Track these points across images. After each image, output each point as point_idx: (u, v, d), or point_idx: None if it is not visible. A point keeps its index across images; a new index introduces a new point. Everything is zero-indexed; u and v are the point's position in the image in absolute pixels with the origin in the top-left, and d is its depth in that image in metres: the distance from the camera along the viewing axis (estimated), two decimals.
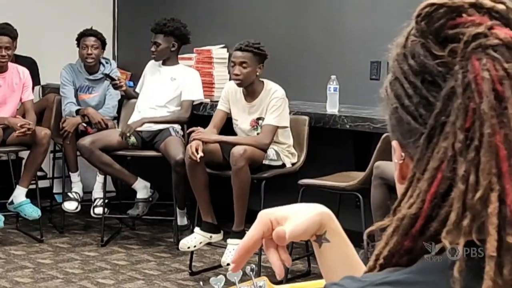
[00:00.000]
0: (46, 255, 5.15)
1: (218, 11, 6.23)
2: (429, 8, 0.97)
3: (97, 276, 4.73)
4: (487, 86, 0.92)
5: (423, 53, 0.97)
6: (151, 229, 5.85)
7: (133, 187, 5.41)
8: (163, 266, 4.96)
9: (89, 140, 5.25)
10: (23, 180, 5.44)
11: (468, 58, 0.93)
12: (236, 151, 4.46)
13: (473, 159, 0.91)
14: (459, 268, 0.89)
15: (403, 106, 0.99)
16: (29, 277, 4.68)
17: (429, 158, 0.95)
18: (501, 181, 0.91)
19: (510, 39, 0.94)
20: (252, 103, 4.74)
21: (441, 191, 0.94)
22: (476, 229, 0.90)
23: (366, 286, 0.93)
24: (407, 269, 0.95)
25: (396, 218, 0.98)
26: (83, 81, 5.80)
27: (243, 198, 4.53)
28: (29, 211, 5.40)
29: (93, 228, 5.78)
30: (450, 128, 0.93)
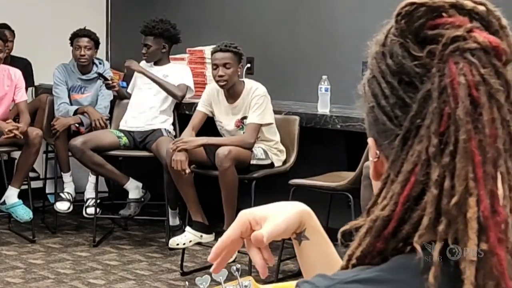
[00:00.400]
0: (38, 255, 5.15)
1: (210, 11, 6.24)
2: (409, 7, 0.96)
3: (89, 276, 4.72)
4: (463, 92, 0.91)
5: (402, 53, 0.96)
6: (143, 229, 5.85)
7: (125, 187, 5.41)
8: (155, 266, 4.96)
9: (80, 141, 5.25)
10: (15, 181, 5.44)
11: (446, 61, 0.93)
12: (221, 152, 4.46)
13: (448, 164, 0.91)
14: (435, 273, 0.89)
15: (380, 106, 0.99)
16: (20, 277, 4.67)
17: (403, 160, 0.95)
18: (476, 186, 0.90)
19: (488, 43, 0.93)
20: (234, 104, 4.74)
21: (414, 195, 0.93)
22: (452, 234, 0.90)
23: (336, 284, 0.93)
24: (378, 267, 0.95)
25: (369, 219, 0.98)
26: (75, 81, 5.80)
27: (231, 199, 4.54)
28: (21, 213, 5.39)
29: (86, 228, 5.78)
30: (424, 132, 0.93)
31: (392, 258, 0.95)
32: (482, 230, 0.89)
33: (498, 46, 0.94)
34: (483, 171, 0.90)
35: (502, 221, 0.91)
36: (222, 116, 4.80)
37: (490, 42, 0.93)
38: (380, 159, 1.02)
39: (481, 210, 0.89)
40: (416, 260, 0.91)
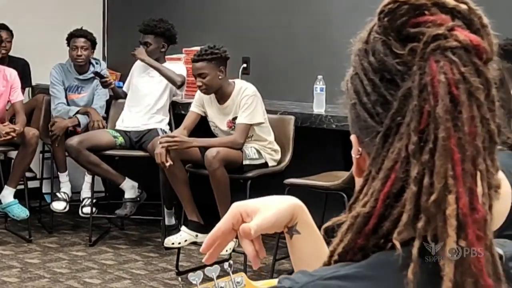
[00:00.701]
0: (34, 255, 5.16)
1: (207, 11, 6.25)
2: (392, 5, 0.96)
3: (84, 276, 4.74)
4: (443, 90, 0.91)
5: (384, 50, 0.97)
6: (139, 229, 5.86)
7: (121, 187, 5.42)
8: (151, 265, 4.97)
9: (77, 140, 5.26)
10: (11, 181, 5.45)
11: (427, 59, 0.93)
12: (209, 154, 4.49)
13: (427, 161, 0.91)
14: (413, 270, 0.89)
15: (361, 103, 0.99)
16: (16, 277, 4.69)
17: (384, 157, 0.95)
18: (455, 184, 0.91)
19: (469, 42, 0.93)
20: (224, 105, 4.77)
21: (394, 191, 0.94)
22: (431, 231, 0.91)
23: (315, 280, 0.94)
24: (358, 263, 0.95)
25: (351, 215, 0.99)
26: (72, 80, 5.81)
27: (224, 199, 4.55)
28: (17, 212, 5.40)
29: (82, 228, 5.79)
30: (404, 129, 0.93)
31: (372, 255, 0.96)
32: (461, 227, 0.90)
33: (479, 45, 0.94)
34: (462, 168, 0.91)
35: (480, 218, 0.91)
36: (214, 117, 4.82)
37: (471, 41, 0.93)
38: (363, 155, 1.02)
39: (460, 207, 0.90)
40: (395, 256, 0.91)
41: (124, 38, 6.71)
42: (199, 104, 4.87)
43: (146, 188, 5.58)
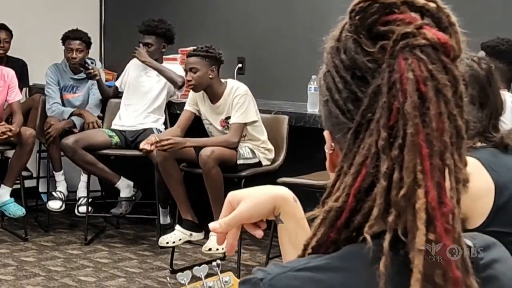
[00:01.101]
0: (30, 253, 5.18)
1: (202, 12, 6.28)
2: (363, 4, 0.98)
3: (79, 274, 4.76)
4: (411, 87, 0.93)
5: (355, 48, 0.99)
6: (135, 228, 5.88)
7: (116, 186, 5.45)
8: (145, 264, 4.99)
9: (72, 140, 5.28)
10: (8, 180, 5.47)
11: (396, 56, 0.95)
12: (204, 153, 4.51)
13: (396, 156, 0.93)
14: (385, 262, 0.91)
15: (333, 100, 1.01)
16: (11, 275, 4.71)
17: (355, 153, 0.98)
18: (424, 178, 0.92)
19: (437, 40, 0.95)
20: (217, 104, 4.79)
21: (365, 186, 0.96)
22: (401, 225, 0.92)
23: (287, 271, 0.96)
24: (329, 255, 0.98)
25: (324, 210, 1.01)
26: (67, 80, 5.83)
27: (218, 198, 4.57)
28: (13, 210, 5.43)
29: (78, 227, 5.81)
30: (374, 126, 0.95)
31: (343, 247, 0.98)
32: (429, 221, 0.92)
33: (447, 43, 0.96)
34: (430, 163, 0.93)
35: (448, 211, 0.93)
36: (207, 115, 4.85)
37: (438, 39, 0.96)
38: (335, 151, 1.05)
39: (428, 201, 0.92)
40: (366, 249, 0.94)
41: (121, 38, 6.74)
42: (193, 103, 4.90)
43: (141, 187, 5.60)
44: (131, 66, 5.66)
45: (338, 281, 0.95)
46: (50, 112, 5.71)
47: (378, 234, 0.94)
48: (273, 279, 0.96)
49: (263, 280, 0.96)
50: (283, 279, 0.96)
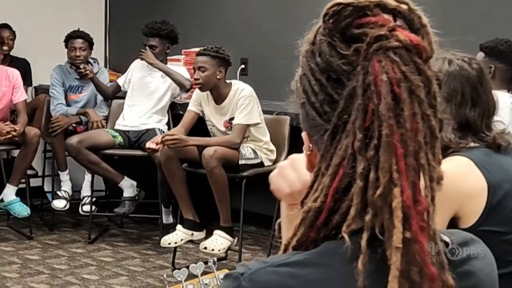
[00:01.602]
0: (35, 252, 5.23)
1: (206, 13, 6.31)
2: (337, 7, 1.00)
3: (82, 272, 4.81)
4: (385, 88, 0.96)
5: (329, 51, 1.01)
6: (139, 227, 5.93)
7: (120, 185, 5.48)
8: (148, 263, 5.04)
9: (76, 140, 5.33)
10: (13, 179, 5.51)
11: (370, 59, 0.97)
12: (207, 153, 4.54)
13: (372, 157, 0.96)
14: (363, 261, 0.94)
15: (310, 102, 1.04)
16: (16, 272, 4.76)
17: (332, 154, 1.00)
18: (399, 178, 0.95)
19: (409, 42, 0.98)
20: (221, 105, 4.83)
21: (342, 186, 0.99)
22: (378, 223, 0.96)
23: (267, 267, 1.00)
24: (308, 252, 1.01)
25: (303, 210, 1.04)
26: (72, 81, 5.89)
27: (223, 197, 4.61)
28: (19, 210, 5.47)
29: (83, 226, 5.86)
30: (350, 127, 0.98)
31: (321, 244, 1.01)
32: (405, 219, 0.94)
33: (419, 44, 0.98)
34: (405, 163, 0.95)
35: (423, 210, 0.96)
36: (211, 116, 4.88)
37: (411, 41, 0.98)
38: (313, 151, 1.07)
39: (403, 200, 0.94)
40: (344, 247, 0.97)
41: (125, 39, 6.79)
42: (197, 103, 4.94)
43: (144, 187, 5.64)
44: (135, 67, 5.69)
45: (316, 276, 0.98)
46: (54, 113, 5.76)
47: (356, 232, 0.97)
48: (253, 273, 0.99)
49: (243, 275, 0.99)
50: (263, 274, 0.99)
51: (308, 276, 0.98)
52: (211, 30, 6.17)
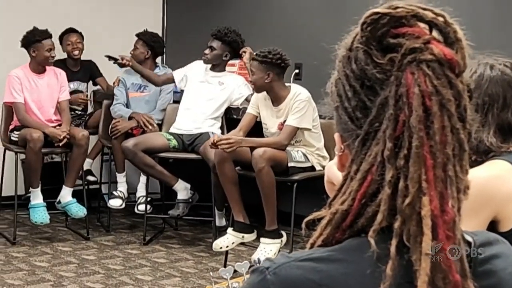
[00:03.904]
0: (91, 252, 5.36)
1: (260, 18, 6.37)
2: (374, 16, 1.03)
3: (137, 273, 4.91)
4: (417, 101, 0.99)
5: (365, 59, 1.04)
6: (192, 229, 6.02)
7: (174, 188, 5.56)
8: (201, 264, 5.11)
9: (132, 143, 5.43)
10: (68, 181, 5.64)
11: (403, 70, 1.00)
12: (256, 153, 4.60)
13: (402, 166, 0.99)
14: (392, 266, 0.97)
15: (343, 107, 1.07)
16: (72, 272, 4.88)
17: (362, 160, 1.04)
18: (427, 187, 0.98)
19: (443, 56, 1.00)
20: (278, 107, 4.88)
21: (370, 192, 1.02)
22: (406, 231, 0.99)
23: (291, 261, 1.03)
24: (331, 247, 1.05)
25: (330, 212, 1.08)
26: (135, 79, 6.00)
27: (270, 198, 4.65)
28: (75, 210, 5.60)
29: (138, 227, 5.97)
30: (381, 136, 1.01)
31: (345, 241, 1.05)
32: (433, 228, 0.98)
33: (452, 59, 1.00)
34: (433, 174, 0.98)
35: (450, 220, 0.99)
36: (267, 119, 4.95)
37: (445, 55, 1.00)
38: (345, 153, 1.11)
39: (431, 209, 0.98)
40: (370, 251, 1.00)
41: (182, 44, 6.89)
42: (255, 106, 5.02)
43: (198, 189, 5.71)
44: (195, 68, 5.74)
45: (339, 272, 1.00)
46: (112, 113, 5.90)
47: (378, 233, 1.00)
48: (278, 268, 1.02)
49: (268, 269, 1.02)
50: (287, 268, 1.02)
51: (331, 272, 1.01)
52: (267, 36, 6.21)
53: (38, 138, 5.35)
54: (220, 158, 4.81)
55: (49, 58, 5.58)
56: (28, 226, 5.82)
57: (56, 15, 6.42)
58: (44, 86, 5.67)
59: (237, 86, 5.60)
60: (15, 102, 5.56)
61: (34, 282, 4.64)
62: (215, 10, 6.66)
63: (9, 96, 5.57)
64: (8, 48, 6.03)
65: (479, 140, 1.97)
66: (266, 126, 4.97)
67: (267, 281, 1.02)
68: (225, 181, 4.87)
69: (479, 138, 1.97)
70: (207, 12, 6.70)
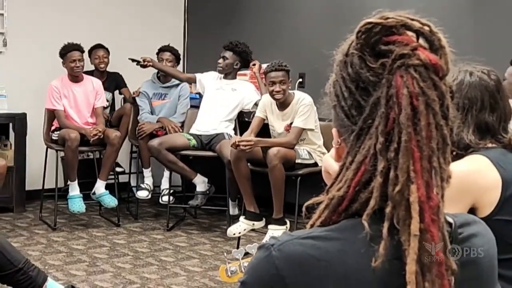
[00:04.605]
0: (121, 237, 5.37)
1: (268, 32, 6.38)
2: (368, 25, 1.04)
3: (161, 255, 4.91)
4: (406, 101, 0.99)
5: (359, 64, 1.04)
6: (210, 218, 6.02)
7: (193, 181, 5.57)
8: (216, 248, 5.11)
9: (157, 142, 5.44)
10: (102, 175, 5.65)
11: (394, 73, 1.01)
12: (271, 152, 4.62)
13: (392, 158, 1.00)
14: (384, 246, 0.98)
15: (340, 105, 1.08)
16: (105, 254, 4.90)
17: (356, 152, 1.05)
18: (415, 177, 0.99)
19: (428, 61, 1.01)
20: (284, 112, 4.88)
21: (363, 181, 1.03)
22: (396, 215, 1.00)
23: (293, 239, 1.04)
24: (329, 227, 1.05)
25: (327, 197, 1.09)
26: (156, 89, 6.01)
27: (279, 191, 4.66)
28: (108, 201, 5.62)
29: (162, 216, 5.98)
30: (374, 131, 1.02)
31: (341, 222, 1.06)
32: (420, 212, 0.98)
33: (437, 63, 1.01)
34: (420, 165, 0.99)
35: (435, 205, 0.99)
36: (274, 121, 4.95)
37: (430, 60, 1.01)
38: (341, 146, 1.12)
39: (418, 196, 0.98)
40: (359, 225, 1.01)
41: (201, 56, 6.90)
42: (262, 110, 5.02)
43: (214, 183, 5.72)
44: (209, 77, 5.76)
45: (335, 248, 1.01)
46: (140, 121, 5.92)
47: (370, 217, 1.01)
48: (282, 244, 1.03)
49: (273, 246, 1.03)
50: (290, 245, 1.02)
51: (329, 248, 1.01)
52: (272, 48, 6.22)
53: (75, 138, 5.37)
54: (236, 156, 4.82)
55: (74, 68, 5.59)
56: (67, 214, 5.84)
57: (86, 31, 6.44)
58: (81, 93, 5.69)
59: (248, 92, 5.61)
60: (55, 109, 5.60)
61: (72, 262, 4.66)
62: (230, 26, 6.67)
63: (49, 104, 5.62)
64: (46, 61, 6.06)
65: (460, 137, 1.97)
66: (273, 128, 4.98)
67: (272, 257, 1.02)
68: (240, 176, 4.88)
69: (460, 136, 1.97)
70: (222, 27, 6.71)
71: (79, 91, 5.70)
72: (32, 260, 3.59)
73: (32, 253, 4.80)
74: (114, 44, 6.37)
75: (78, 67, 5.62)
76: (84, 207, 5.54)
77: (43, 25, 6.35)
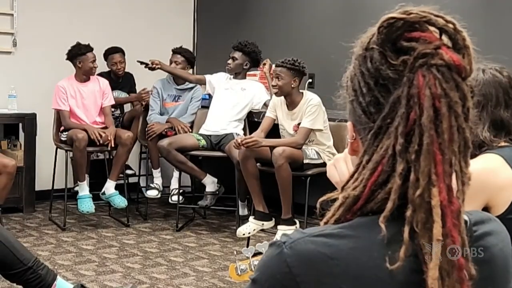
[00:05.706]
0: (131, 237, 5.36)
1: (279, 32, 6.36)
2: (390, 20, 1.01)
3: (170, 255, 4.90)
4: (428, 102, 0.96)
5: (380, 60, 1.01)
6: (219, 218, 6.00)
7: (203, 181, 5.55)
8: (226, 248, 5.09)
9: (167, 142, 5.43)
10: (112, 175, 5.64)
11: (415, 72, 0.98)
12: (277, 151, 4.59)
13: (413, 160, 0.97)
14: (405, 251, 0.96)
15: (358, 101, 1.05)
16: (114, 254, 4.88)
17: (373, 151, 1.02)
18: (437, 180, 0.97)
19: (452, 62, 0.98)
20: (293, 111, 4.86)
21: (380, 181, 1.01)
22: (416, 219, 0.97)
23: (305, 236, 1.02)
24: (341, 224, 1.03)
25: (343, 195, 1.06)
26: (171, 90, 6.00)
27: (287, 191, 4.64)
28: (117, 201, 5.61)
29: (171, 216, 5.96)
30: (392, 131, 0.99)
31: (354, 219, 1.03)
32: (441, 216, 0.96)
33: (460, 64, 0.98)
34: (442, 168, 0.97)
35: (456, 210, 0.98)
36: (283, 121, 4.93)
37: (453, 61, 0.98)
38: (356, 140, 1.09)
39: (440, 199, 0.96)
40: (372, 223, 0.99)
41: (211, 57, 6.89)
42: (273, 110, 5.00)
43: (224, 183, 5.71)
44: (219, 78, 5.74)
45: (348, 246, 0.99)
46: (149, 120, 5.90)
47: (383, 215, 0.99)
48: (293, 242, 1.01)
49: (285, 243, 1.01)
50: (302, 243, 1.01)
51: (341, 246, 0.99)
52: (283, 49, 6.20)
53: (83, 138, 5.36)
54: (244, 156, 4.80)
55: (93, 69, 5.62)
56: (76, 215, 5.83)
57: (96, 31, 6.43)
58: (88, 93, 5.69)
59: (257, 91, 5.59)
60: (60, 109, 5.59)
61: (81, 262, 4.65)
62: (239, 27, 6.65)
63: (55, 104, 5.62)
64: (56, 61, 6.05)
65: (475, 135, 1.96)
66: (283, 127, 4.95)
67: (284, 254, 1.01)
68: (248, 176, 4.86)
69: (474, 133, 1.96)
70: (232, 28, 6.69)
71: (86, 91, 5.69)
72: (41, 260, 3.58)
73: (41, 253, 4.79)
74: (124, 45, 6.35)
75: (96, 68, 5.65)
76: (93, 207, 5.53)
77: (53, 25, 6.35)
